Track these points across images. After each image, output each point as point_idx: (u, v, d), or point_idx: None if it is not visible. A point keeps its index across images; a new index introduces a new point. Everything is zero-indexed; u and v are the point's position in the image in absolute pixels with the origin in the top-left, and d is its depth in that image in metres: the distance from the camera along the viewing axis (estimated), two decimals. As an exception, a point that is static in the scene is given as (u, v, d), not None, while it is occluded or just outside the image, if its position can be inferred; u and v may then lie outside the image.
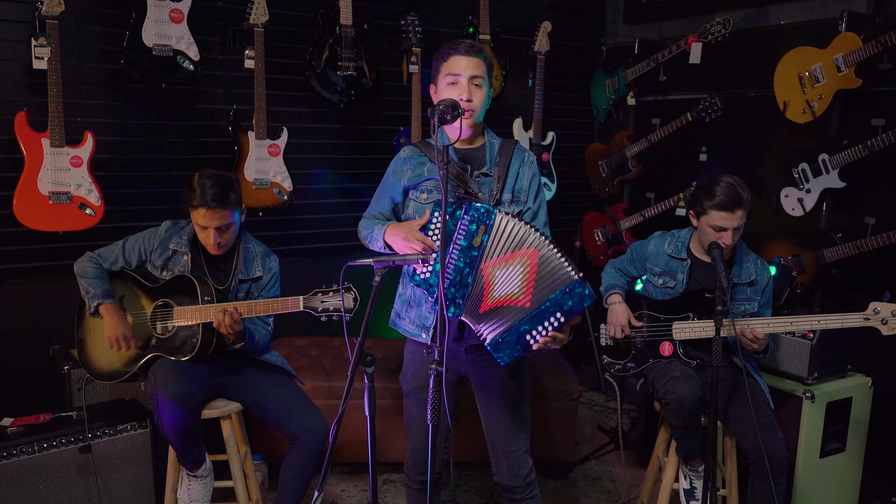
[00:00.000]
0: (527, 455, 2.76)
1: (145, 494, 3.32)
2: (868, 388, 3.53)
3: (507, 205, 2.63)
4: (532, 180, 2.69)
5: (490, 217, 2.40)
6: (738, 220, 3.01)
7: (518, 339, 2.35)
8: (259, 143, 4.03)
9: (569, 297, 2.29)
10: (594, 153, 5.32)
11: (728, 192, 2.99)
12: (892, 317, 2.82)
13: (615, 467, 4.23)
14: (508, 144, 2.70)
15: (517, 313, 2.36)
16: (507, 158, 2.65)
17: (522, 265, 2.37)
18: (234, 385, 3.11)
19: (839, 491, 3.53)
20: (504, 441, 2.73)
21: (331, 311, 2.80)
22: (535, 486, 2.79)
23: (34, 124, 3.43)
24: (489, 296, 2.40)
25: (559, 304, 2.30)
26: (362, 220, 2.78)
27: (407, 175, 2.67)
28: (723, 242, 3.02)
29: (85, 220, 3.57)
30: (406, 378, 2.78)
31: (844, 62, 3.71)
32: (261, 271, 3.15)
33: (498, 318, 2.39)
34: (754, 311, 3.19)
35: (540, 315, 2.33)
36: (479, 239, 2.40)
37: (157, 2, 3.66)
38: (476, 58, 2.55)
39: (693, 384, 2.99)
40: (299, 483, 3.03)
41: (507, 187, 2.64)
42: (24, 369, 3.72)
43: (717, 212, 3.01)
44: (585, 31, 5.54)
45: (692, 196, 3.23)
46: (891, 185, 3.84)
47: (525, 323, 2.35)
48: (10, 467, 3.00)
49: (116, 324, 2.94)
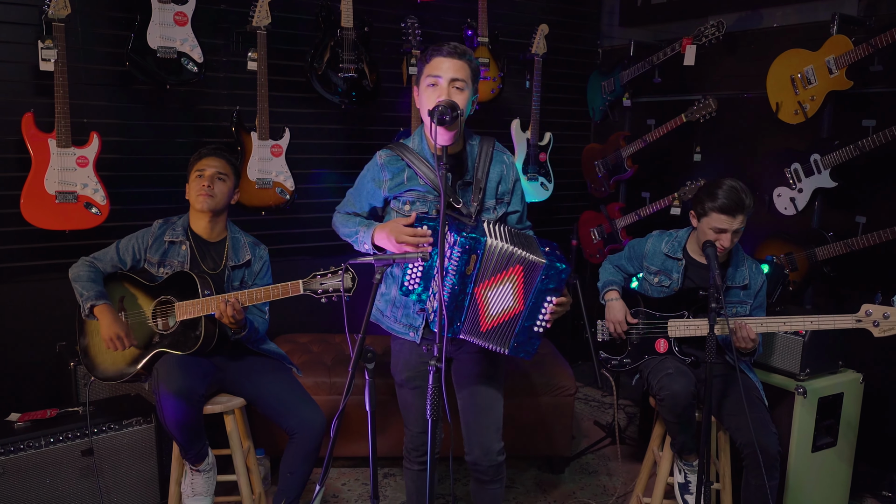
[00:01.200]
0: (498, 435, 2.71)
1: (150, 488, 3.32)
2: (859, 384, 3.53)
3: (492, 210, 2.61)
4: (516, 183, 2.69)
5: (480, 245, 2.34)
6: (738, 223, 3.00)
7: (529, 335, 2.44)
8: (262, 144, 4.03)
9: (548, 280, 2.37)
10: (590, 153, 5.31)
11: (730, 196, 2.98)
12: (884, 319, 2.81)
13: (611, 461, 4.22)
14: (487, 146, 2.63)
15: (517, 318, 2.42)
16: (487, 163, 2.60)
17: (511, 282, 2.40)
18: (236, 379, 3.10)
19: (830, 485, 3.53)
20: (475, 415, 2.71)
21: (330, 291, 2.80)
22: (503, 469, 2.76)
23: (41, 125, 3.43)
24: (486, 315, 2.41)
25: (543, 291, 2.39)
26: (338, 215, 2.76)
27: (386, 185, 2.60)
28: (720, 244, 3.01)
29: (91, 219, 3.56)
30: (398, 369, 2.77)
31: (836, 64, 3.71)
32: (250, 255, 3.18)
33: (503, 331, 2.43)
34: (746, 313, 3.18)
35: (534, 308, 2.40)
36: (472, 267, 2.36)
37: (162, 5, 3.65)
38: (459, 60, 2.45)
39: (687, 381, 2.98)
40: (298, 477, 3.02)
41: (490, 192, 2.61)
42: (31, 365, 3.72)
43: (717, 214, 2.99)
44: (582, 34, 5.54)
45: (694, 196, 3.22)
46: (881, 185, 3.84)
47: (526, 320, 2.41)
48: (18, 461, 3.00)
49: (111, 324, 2.92)
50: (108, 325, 2.92)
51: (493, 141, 2.68)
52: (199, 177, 3.07)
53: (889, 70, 3.75)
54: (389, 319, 2.70)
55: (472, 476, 2.82)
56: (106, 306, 2.95)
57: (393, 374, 2.82)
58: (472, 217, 2.53)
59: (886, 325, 2.81)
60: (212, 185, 3.05)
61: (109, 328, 2.92)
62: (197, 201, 3.07)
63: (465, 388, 2.73)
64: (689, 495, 3.15)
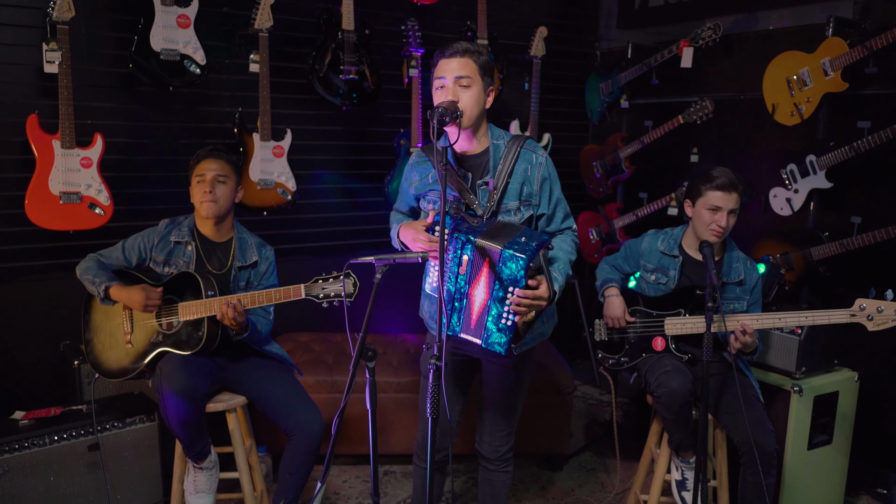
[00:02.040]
0: (509, 437, 2.82)
1: (153, 485, 3.32)
2: (854, 383, 3.52)
3: (514, 213, 2.54)
4: (544, 184, 2.57)
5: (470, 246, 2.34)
6: (734, 202, 3.06)
7: (497, 327, 2.33)
8: (264, 145, 4.02)
9: (503, 268, 2.28)
10: (588, 154, 5.31)
11: (725, 175, 3.09)
12: (878, 313, 2.81)
13: (609, 459, 4.22)
14: (515, 145, 2.56)
15: (488, 310, 2.34)
16: (511, 163, 2.52)
17: (486, 276, 2.34)
18: (238, 379, 3.10)
19: (826, 482, 3.52)
20: (493, 422, 2.79)
21: (332, 296, 2.80)
22: (510, 463, 2.85)
23: (45, 126, 3.42)
24: (472, 311, 2.38)
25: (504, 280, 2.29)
26: (392, 213, 2.85)
27: (415, 184, 2.67)
28: (717, 225, 3.05)
29: (95, 220, 3.55)
30: (425, 362, 2.79)
31: (831, 66, 3.70)
32: (257, 257, 3.17)
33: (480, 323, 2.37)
34: (743, 309, 3.18)
35: (501, 299, 2.31)
36: (465, 268, 2.36)
37: (165, 7, 3.64)
38: (462, 58, 2.45)
39: (684, 378, 2.98)
40: (298, 477, 3.03)
41: (512, 194, 2.53)
42: (35, 364, 3.71)
43: (714, 192, 3.07)
44: (580, 36, 5.53)
45: (689, 186, 3.24)
46: (876, 186, 3.83)
47: (493, 311, 2.32)
48: (22, 459, 2.99)
49: (131, 294, 2.92)
50: (129, 297, 2.92)
51: (523, 139, 2.59)
52: (200, 181, 3.05)
53: (884, 72, 3.74)
54: (426, 314, 2.75)
55: (481, 465, 2.89)
56: (119, 285, 2.95)
57: (421, 365, 2.86)
58: (483, 218, 2.50)
59: (880, 318, 2.81)
60: (213, 191, 3.03)
61: (133, 300, 2.92)
62: (202, 208, 3.06)
63: (489, 396, 2.78)
64: (686, 492, 3.15)
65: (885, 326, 2.82)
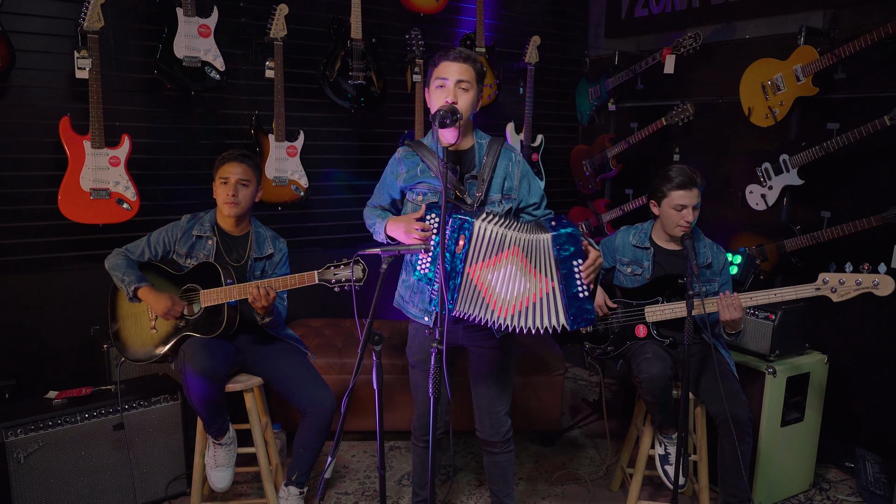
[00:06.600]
0: (507, 416, 2.79)
1: (176, 460, 3.31)
2: (824, 364, 3.51)
3: (497, 204, 2.56)
4: (522, 179, 2.62)
5: (469, 227, 2.33)
6: (696, 197, 3.07)
7: (579, 303, 2.31)
8: (278, 145, 4.01)
9: (561, 249, 2.29)
10: (578, 154, 5.29)
11: (682, 173, 3.09)
12: (840, 285, 2.80)
13: (598, 436, 4.21)
14: (496, 144, 2.61)
15: (556, 295, 2.31)
16: (494, 160, 2.57)
17: (514, 263, 2.31)
18: (255, 361, 3.09)
19: (798, 456, 3.52)
20: (489, 404, 2.75)
21: (343, 281, 2.81)
22: (511, 443, 2.83)
23: (77, 128, 3.41)
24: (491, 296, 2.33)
25: (564, 258, 2.29)
26: (367, 208, 2.79)
27: (402, 176, 2.63)
28: (685, 220, 3.06)
29: (122, 214, 3.54)
30: (412, 351, 2.77)
31: (803, 72, 3.68)
32: (272, 249, 3.17)
33: (542, 310, 2.32)
34: (715, 291, 3.17)
35: (568, 277, 2.29)
36: (461, 246, 2.33)
37: (188, 18, 3.62)
38: (464, 64, 2.46)
39: (664, 364, 2.96)
40: (310, 452, 3.03)
41: (496, 187, 2.56)
42: (67, 347, 3.71)
43: (676, 191, 3.07)
44: (571, 45, 5.50)
45: (651, 187, 3.22)
46: (844, 182, 3.81)
47: (566, 292, 2.30)
48: (56, 435, 2.99)
49: (157, 300, 2.90)
50: (156, 301, 2.90)
51: (502, 140, 2.65)
52: (224, 183, 3.03)
53: (851, 78, 3.72)
54: (409, 304, 2.70)
55: (484, 450, 2.85)
56: (147, 287, 2.93)
57: (408, 355, 2.81)
58: (474, 207, 2.51)
59: (843, 290, 2.80)
60: (236, 194, 3.02)
61: (158, 304, 2.90)
62: (224, 209, 3.05)
63: (481, 379, 2.74)
64: (668, 466, 3.14)
65: (848, 296, 2.80)
